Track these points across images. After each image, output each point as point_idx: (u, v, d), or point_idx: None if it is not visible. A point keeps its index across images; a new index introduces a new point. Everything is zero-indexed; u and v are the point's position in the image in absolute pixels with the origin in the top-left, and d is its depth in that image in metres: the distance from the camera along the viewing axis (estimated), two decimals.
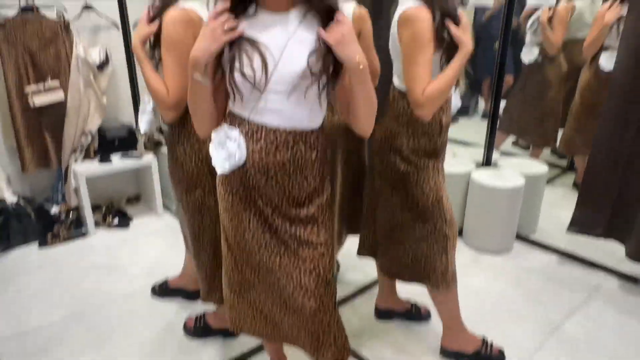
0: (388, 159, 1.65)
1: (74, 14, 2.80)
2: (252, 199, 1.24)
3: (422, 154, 1.61)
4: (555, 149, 3.62)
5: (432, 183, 1.63)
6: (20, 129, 2.72)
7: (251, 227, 1.26)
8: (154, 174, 3.03)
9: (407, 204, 1.66)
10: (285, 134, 1.17)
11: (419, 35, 1.42)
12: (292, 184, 1.22)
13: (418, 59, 1.43)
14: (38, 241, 2.78)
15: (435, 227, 1.65)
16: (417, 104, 1.46)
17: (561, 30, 3.02)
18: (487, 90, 4.28)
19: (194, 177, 1.59)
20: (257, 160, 1.18)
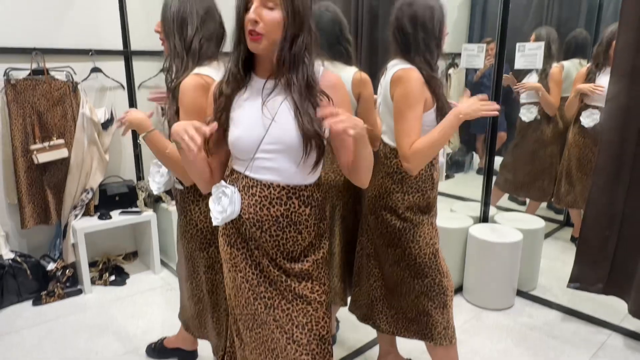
0: (383, 216, 1.68)
1: (83, 76, 2.92)
2: (250, 250, 1.26)
3: (416, 210, 1.65)
4: (551, 203, 3.66)
5: (427, 238, 1.66)
6: (23, 186, 2.76)
7: (248, 279, 1.27)
8: (153, 230, 3.03)
9: (405, 260, 1.67)
10: (279, 189, 1.21)
11: (409, 93, 1.51)
12: (285, 238, 1.24)
13: (408, 115, 1.52)
14: (32, 299, 2.73)
15: (434, 281, 1.66)
16: (405, 157, 1.53)
17: (558, 91, 3.16)
18: (481, 146, 4.38)
19: (208, 235, 1.61)
20: (252, 214, 1.22)
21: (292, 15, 1.13)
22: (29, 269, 2.74)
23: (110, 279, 2.98)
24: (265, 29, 1.11)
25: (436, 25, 1.56)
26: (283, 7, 1.12)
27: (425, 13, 1.54)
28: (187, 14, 1.52)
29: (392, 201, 1.65)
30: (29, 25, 2.75)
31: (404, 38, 1.58)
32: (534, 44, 2.56)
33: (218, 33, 1.58)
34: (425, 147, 1.51)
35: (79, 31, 2.93)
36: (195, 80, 1.46)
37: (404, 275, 1.69)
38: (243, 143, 1.20)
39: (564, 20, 3.67)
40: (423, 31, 1.55)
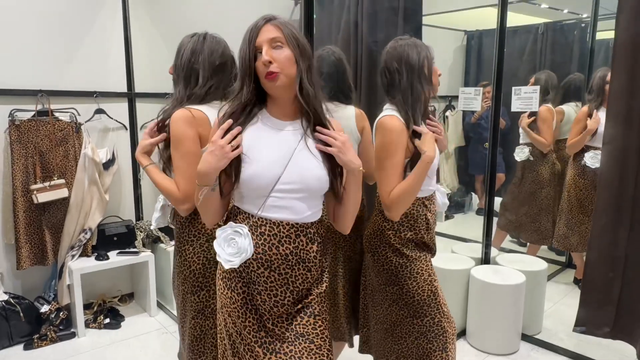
0: (380, 253, 1.67)
1: (87, 117, 2.96)
2: (251, 295, 1.24)
3: (412, 247, 1.64)
4: (552, 245, 3.64)
5: (425, 274, 1.64)
6: (21, 226, 2.74)
7: (248, 324, 1.25)
8: (150, 271, 2.99)
9: (403, 299, 1.64)
10: (288, 227, 1.22)
11: (387, 143, 1.55)
12: (295, 276, 1.24)
13: (385, 164, 1.55)
14: (24, 344, 2.65)
15: (434, 320, 1.63)
16: (385, 206, 1.57)
17: (547, 129, 3.20)
18: (480, 187, 4.41)
19: (200, 277, 1.59)
20: (260, 254, 1.22)
21: (300, 50, 1.20)
22: (22, 311, 2.68)
23: (105, 321, 2.91)
24: (279, 66, 1.17)
25: (422, 63, 1.58)
26: (290, 44, 1.19)
27: (411, 52, 1.58)
28: (199, 64, 1.54)
29: (386, 238, 1.65)
30: (36, 68, 2.82)
31: (391, 78, 1.61)
32: (530, 87, 2.62)
33: (229, 80, 1.59)
34: (402, 194, 1.54)
35: (84, 74, 3.00)
36: (183, 113, 1.48)
37: (403, 315, 1.66)
38: (258, 181, 1.19)
39: (557, 64, 3.78)
40: (408, 70, 1.58)
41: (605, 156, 2.11)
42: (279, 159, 1.20)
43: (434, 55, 1.65)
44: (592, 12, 3.44)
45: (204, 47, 1.55)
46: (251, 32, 1.19)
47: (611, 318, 2.24)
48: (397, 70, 1.59)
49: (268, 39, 1.17)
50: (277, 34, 1.18)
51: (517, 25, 3.88)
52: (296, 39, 1.20)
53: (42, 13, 2.81)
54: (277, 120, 1.25)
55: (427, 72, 1.60)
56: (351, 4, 2.83)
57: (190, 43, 1.57)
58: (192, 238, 1.59)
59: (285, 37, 1.18)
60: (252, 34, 1.18)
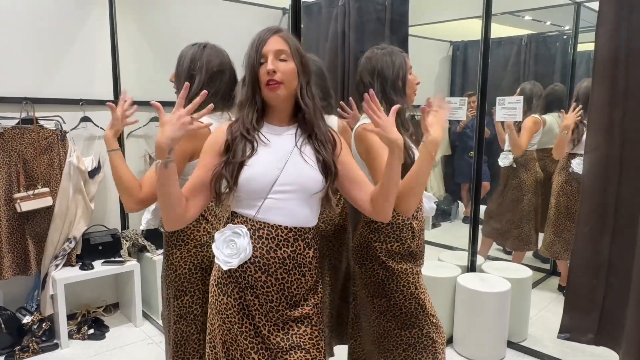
0: (367, 266, 1.66)
1: (72, 125, 2.93)
2: (247, 301, 1.24)
3: (398, 259, 1.63)
4: (536, 252, 3.68)
5: (412, 288, 1.63)
6: (3, 235, 2.69)
7: (244, 330, 1.25)
8: (136, 281, 2.95)
9: (390, 311, 1.64)
10: (287, 230, 1.24)
11: (371, 148, 1.54)
12: (291, 281, 1.25)
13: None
14: (5, 356, 2.59)
15: (422, 332, 1.63)
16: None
17: (526, 136, 3.26)
18: (465, 195, 4.46)
19: (185, 282, 1.58)
20: (258, 257, 1.22)
21: (302, 67, 1.25)
22: (3, 323, 2.62)
23: (89, 332, 2.86)
24: (283, 77, 1.21)
25: (395, 75, 1.60)
26: (294, 59, 1.24)
27: (385, 64, 1.60)
28: (197, 70, 1.57)
29: (373, 250, 1.64)
30: (21, 75, 2.79)
31: (362, 89, 1.61)
32: (514, 97, 2.67)
33: (227, 89, 1.61)
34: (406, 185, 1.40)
35: (70, 81, 2.98)
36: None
37: (390, 327, 1.65)
38: (256, 183, 1.21)
39: (540, 75, 3.86)
40: (380, 80, 1.60)
41: (588, 165, 2.15)
42: (276, 161, 1.23)
43: (410, 64, 1.66)
44: (573, 24, 3.53)
45: (203, 55, 1.58)
46: (259, 40, 1.23)
47: (595, 324, 2.27)
48: (370, 83, 1.61)
49: (275, 50, 1.22)
50: (284, 46, 1.23)
51: (502, 36, 3.96)
52: (300, 54, 1.26)
53: (28, 20, 2.79)
54: (272, 126, 1.29)
55: (400, 84, 1.61)
56: (339, 14, 2.87)
57: (190, 51, 1.61)
58: (180, 242, 1.59)
59: (291, 50, 1.23)
60: (260, 42, 1.23)
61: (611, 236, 2.16)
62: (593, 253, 2.21)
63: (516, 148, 3.23)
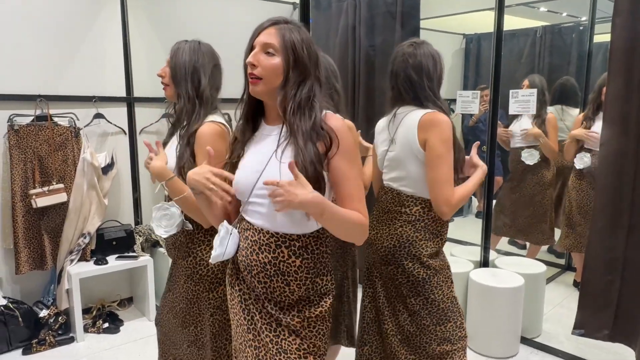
0: (404, 266, 1.62)
1: (85, 121, 2.97)
2: (243, 294, 1.26)
3: (435, 256, 1.64)
4: (551, 247, 3.63)
5: (449, 282, 1.66)
6: (20, 230, 2.74)
7: (241, 323, 1.26)
8: (149, 276, 2.99)
9: (426, 308, 1.63)
10: (268, 235, 1.19)
11: (447, 138, 1.51)
12: (273, 287, 1.20)
13: (448, 159, 1.51)
14: (22, 348, 2.65)
15: (456, 324, 1.65)
16: (448, 203, 1.54)
17: (555, 136, 3.23)
18: (478, 190, 4.41)
19: (219, 274, 1.60)
20: (243, 257, 1.22)
21: (293, 63, 1.14)
22: (20, 316, 2.67)
23: (104, 326, 2.90)
24: (262, 73, 1.14)
25: (438, 72, 1.62)
26: (282, 55, 1.13)
27: (429, 62, 1.59)
28: (200, 65, 1.60)
29: (416, 249, 1.61)
30: (35, 73, 2.83)
31: (412, 87, 1.60)
32: (527, 90, 2.63)
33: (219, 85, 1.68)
34: (465, 196, 1.59)
35: (83, 78, 3.01)
36: (213, 128, 1.53)
37: (425, 324, 1.63)
38: (240, 187, 1.22)
39: (555, 67, 3.79)
40: (428, 79, 1.59)
41: (602, 159, 2.11)
42: (257, 164, 1.19)
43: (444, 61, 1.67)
44: (590, 15, 3.45)
45: (202, 49, 1.63)
46: (255, 30, 1.18)
47: (610, 321, 2.23)
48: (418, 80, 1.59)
49: (262, 43, 1.14)
50: (273, 40, 1.13)
51: (516, 28, 3.89)
52: (294, 51, 1.13)
53: (41, 18, 2.82)
54: (265, 125, 1.25)
55: (438, 83, 1.64)
56: (349, 8, 2.85)
57: (187, 45, 1.63)
58: (208, 237, 1.59)
59: (280, 45, 1.13)
60: (255, 32, 1.18)
61: (627, 231, 2.12)
62: (608, 249, 2.17)
63: (552, 153, 3.21)
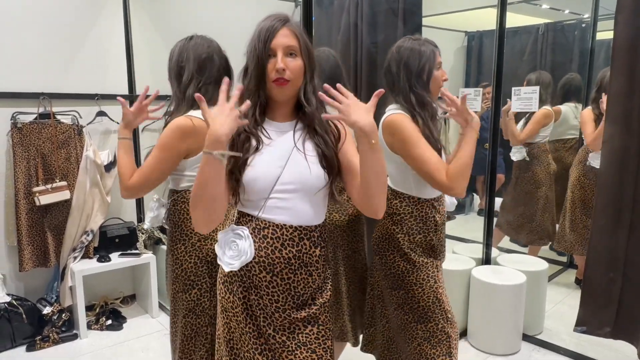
0: (387, 257, 1.67)
1: (88, 119, 2.98)
2: (252, 300, 1.23)
3: (420, 252, 1.64)
4: (552, 245, 3.63)
5: (432, 281, 1.64)
6: (23, 227, 2.75)
7: (248, 330, 1.23)
8: (152, 273, 3.00)
9: (408, 303, 1.65)
10: (291, 230, 1.20)
11: (408, 136, 1.52)
12: (297, 281, 1.22)
13: (417, 152, 1.51)
14: (26, 345, 2.67)
15: (437, 326, 1.63)
16: (446, 187, 1.50)
17: (530, 128, 3.20)
18: (481, 187, 4.41)
19: (192, 276, 1.60)
20: (263, 257, 1.19)
21: (308, 61, 1.20)
22: (24, 313, 2.69)
23: (107, 323, 2.92)
24: (291, 75, 1.16)
25: (420, 69, 1.59)
26: (302, 54, 1.19)
27: (411, 55, 1.59)
28: (184, 61, 1.58)
29: (395, 241, 1.64)
30: (38, 71, 2.84)
31: (390, 78, 1.64)
32: (529, 87, 2.63)
33: (220, 75, 1.59)
34: (461, 168, 1.49)
35: (86, 76, 3.02)
36: (184, 122, 1.50)
37: (407, 320, 1.66)
38: (258, 183, 1.18)
39: (557, 65, 3.78)
40: (406, 72, 1.59)
41: (605, 157, 2.11)
42: (277, 159, 1.19)
43: (440, 60, 1.64)
44: (592, 12, 3.45)
45: (189, 45, 1.60)
46: (267, 32, 1.15)
47: (612, 318, 2.24)
48: (397, 73, 1.61)
49: (284, 46, 1.16)
50: (293, 42, 1.17)
51: (518, 25, 3.88)
52: (308, 49, 1.20)
53: (44, 16, 2.83)
54: (274, 122, 1.25)
55: (425, 78, 1.59)
56: (351, 5, 2.84)
57: (178, 45, 1.63)
58: (184, 237, 1.60)
59: (300, 46, 1.18)
60: (269, 34, 1.15)
61: (628, 229, 2.12)
62: (610, 246, 2.17)
63: (513, 138, 3.18)
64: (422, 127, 1.54)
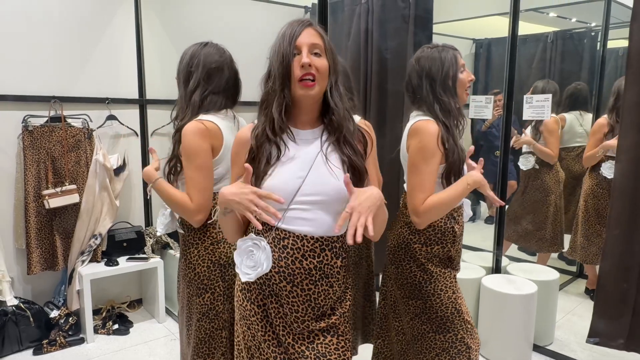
0: (404, 267, 1.64)
1: (98, 123, 2.99)
2: (269, 309, 1.21)
3: (437, 262, 1.61)
4: (561, 254, 3.60)
5: (450, 292, 1.61)
6: (32, 230, 2.75)
7: (267, 338, 1.22)
8: (159, 277, 2.99)
9: (426, 313, 1.62)
10: (313, 241, 1.17)
11: (425, 146, 1.50)
12: (317, 292, 1.19)
13: (422, 168, 1.50)
14: (33, 349, 2.66)
15: (456, 337, 1.60)
16: (416, 212, 1.51)
17: (554, 141, 3.19)
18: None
19: (205, 280, 1.59)
20: (282, 267, 1.17)
21: (334, 63, 1.18)
22: (32, 316, 2.68)
23: (114, 327, 2.91)
24: (317, 74, 1.13)
25: (445, 75, 1.56)
26: (327, 55, 1.16)
27: (432, 64, 1.57)
28: (194, 67, 1.59)
29: (412, 251, 1.61)
30: (49, 74, 2.85)
31: (413, 91, 1.62)
32: (542, 95, 2.61)
33: (228, 87, 1.62)
34: (439, 205, 1.49)
35: (96, 80, 3.03)
36: (195, 125, 1.50)
37: (425, 330, 1.63)
38: (279, 194, 1.13)
39: (567, 73, 3.77)
40: (430, 82, 1.57)
41: (619, 166, 2.09)
42: (298, 170, 1.16)
43: (463, 62, 1.61)
44: (603, 20, 3.44)
45: (202, 52, 1.60)
46: (292, 31, 1.13)
47: (625, 329, 2.20)
48: (419, 85, 1.59)
49: (310, 43, 1.13)
50: (318, 40, 1.15)
51: (526, 33, 3.88)
52: (332, 50, 1.18)
53: (55, 20, 2.84)
54: (296, 130, 1.20)
55: (450, 83, 1.57)
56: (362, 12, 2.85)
57: (191, 49, 1.63)
58: (197, 241, 1.60)
59: (324, 46, 1.16)
60: (294, 33, 1.13)
61: None
62: (624, 256, 2.15)
63: (549, 157, 3.18)
64: (446, 135, 1.52)
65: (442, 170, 1.55)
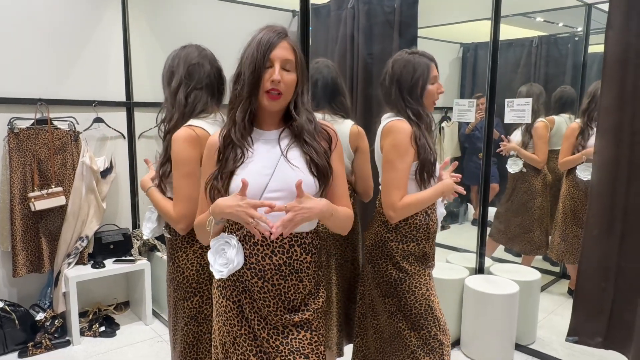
0: (379, 266, 1.68)
1: (85, 125, 2.99)
2: (243, 305, 1.25)
3: (412, 260, 1.65)
4: (546, 255, 3.66)
5: (424, 289, 1.65)
6: (18, 233, 2.75)
7: (243, 332, 1.25)
8: (146, 280, 3.00)
9: (401, 311, 1.66)
10: (281, 237, 1.22)
11: (399, 144, 1.57)
12: (287, 287, 1.24)
13: (397, 165, 1.56)
14: (18, 351, 2.65)
15: (430, 333, 1.64)
16: (393, 208, 1.57)
17: (542, 145, 3.24)
18: (475, 197, 4.44)
19: (194, 284, 1.60)
20: (253, 264, 1.22)
21: (301, 76, 1.25)
22: (17, 319, 2.68)
23: (100, 329, 2.91)
24: (284, 89, 1.20)
25: (414, 81, 1.62)
26: (297, 69, 1.23)
27: (403, 70, 1.63)
28: (175, 67, 1.60)
29: (388, 250, 1.66)
30: (35, 76, 2.85)
31: (385, 91, 1.69)
32: (522, 99, 2.66)
33: (211, 82, 1.61)
34: (416, 203, 1.59)
35: (83, 83, 3.03)
36: (186, 132, 1.49)
37: (401, 328, 1.67)
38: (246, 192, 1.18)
39: (551, 77, 3.84)
40: (398, 87, 1.63)
41: (596, 168, 2.14)
42: (264, 168, 1.22)
43: (435, 74, 1.66)
44: (585, 25, 3.51)
45: (182, 52, 1.63)
46: (268, 43, 1.19)
47: (604, 328, 2.25)
48: (389, 87, 1.66)
49: (283, 58, 1.20)
50: (291, 56, 1.21)
51: (512, 38, 3.94)
52: (302, 64, 1.25)
53: (42, 22, 2.85)
54: (260, 131, 1.27)
55: (418, 92, 1.63)
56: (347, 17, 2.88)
57: (172, 53, 1.66)
58: (185, 245, 1.60)
59: (296, 61, 1.22)
60: (269, 45, 1.18)
61: (619, 239, 2.14)
62: (602, 256, 2.19)
63: (536, 163, 3.23)
64: (418, 133, 1.58)
65: (414, 167, 1.60)
